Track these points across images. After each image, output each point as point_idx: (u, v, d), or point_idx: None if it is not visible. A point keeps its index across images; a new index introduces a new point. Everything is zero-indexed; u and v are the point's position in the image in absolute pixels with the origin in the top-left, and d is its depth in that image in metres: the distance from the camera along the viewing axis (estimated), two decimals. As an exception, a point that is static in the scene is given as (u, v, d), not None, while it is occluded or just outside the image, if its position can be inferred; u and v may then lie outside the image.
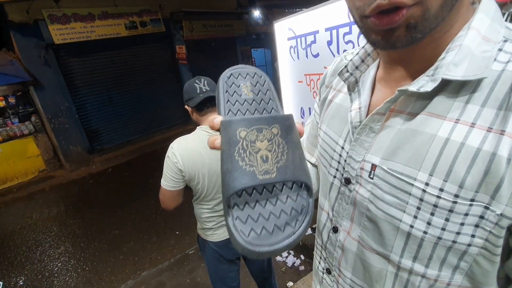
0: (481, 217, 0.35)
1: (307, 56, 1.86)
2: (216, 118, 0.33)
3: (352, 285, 0.54)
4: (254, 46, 9.25)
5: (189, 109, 1.29)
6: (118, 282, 2.55)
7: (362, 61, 0.50)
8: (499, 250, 0.36)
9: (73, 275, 2.75)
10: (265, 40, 9.02)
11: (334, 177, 0.54)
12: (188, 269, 2.56)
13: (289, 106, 2.26)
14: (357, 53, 0.51)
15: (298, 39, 1.88)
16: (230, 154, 0.30)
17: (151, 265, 2.69)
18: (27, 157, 5.29)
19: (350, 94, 0.51)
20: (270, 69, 9.35)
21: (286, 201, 0.31)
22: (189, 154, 1.20)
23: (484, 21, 0.36)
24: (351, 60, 0.51)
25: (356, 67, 0.50)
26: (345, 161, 0.50)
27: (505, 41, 0.36)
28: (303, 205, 0.32)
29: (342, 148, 0.51)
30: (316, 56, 1.77)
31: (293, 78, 2.12)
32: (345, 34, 1.47)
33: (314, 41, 1.74)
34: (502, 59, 0.35)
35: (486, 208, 0.34)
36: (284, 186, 0.32)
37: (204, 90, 1.22)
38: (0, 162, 4.98)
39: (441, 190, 0.36)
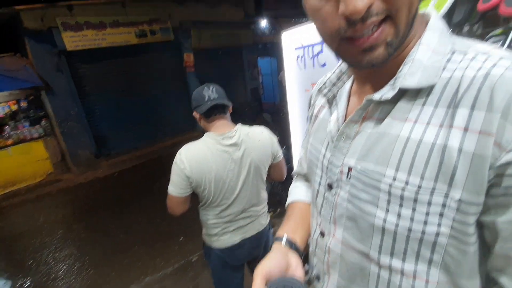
0: (443, 205, 0.38)
1: (314, 65, 1.89)
2: None
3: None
4: (261, 55, 9.36)
5: (197, 115, 1.32)
6: (123, 286, 2.56)
7: (338, 78, 0.57)
8: (469, 239, 0.39)
9: (78, 278, 2.77)
10: (271, 49, 9.12)
11: (320, 184, 0.58)
12: (191, 276, 2.56)
13: (296, 114, 2.28)
14: (334, 72, 0.58)
15: (306, 49, 1.92)
16: None
17: (155, 270, 2.70)
18: (36, 160, 5.39)
19: (329, 108, 0.58)
20: (276, 77, 9.43)
21: None
22: (197, 160, 1.22)
23: (432, 37, 0.42)
24: (328, 78, 0.58)
25: (333, 84, 0.57)
26: (327, 167, 0.54)
27: (453, 52, 0.41)
28: None
29: (324, 156, 0.56)
30: (323, 65, 1.80)
31: (301, 87, 2.15)
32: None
33: (321, 51, 1.77)
34: (451, 67, 0.40)
35: (446, 196, 0.38)
36: None
37: (212, 97, 1.26)
38: (10, 165, 5.07)
39: (406, 183, 0.41)
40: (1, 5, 4.49)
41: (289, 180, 0.84)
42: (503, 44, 0.96)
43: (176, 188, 1.25)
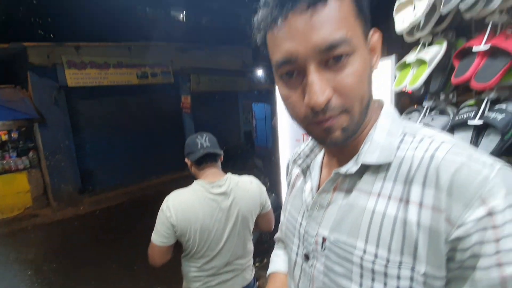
0: (411, 279, 0.40)
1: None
2: None
3: None
4: (255, 100, 9.78)
5: (188, 162, 1.33)
6: None
7: (311, 150, 0.62)
8: None
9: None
10: (266, 96, 9.56)
11: (296, 254, 0.58)
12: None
13: (287, 160, 2.32)
14: (307, 144, 0.62)
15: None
16: None
17: (126, 326, 2.44)
18: (17, 192, 5.17)
19: (304, 177, 0.61)
20: (269, 122, 9.73)
21: None
22: (184, 208, 1.20)
23: (386, 121, 0.49)
24: (302, 150, 0.62)
25: (307, 156, 0.62)
26: (303, 236, 0.56)
27: (404, 134, 0.48)
28: None
29: (301, 224, 0.57)
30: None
31: (292, 135, 2.22)
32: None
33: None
34: (403, 147, 0.46)
35: (412, 270, 0.40)
36: None
37: (205, 146, 1.29)
38: (-11, 196, 4.84)
39: (376, 256, 0.42)
40: (10, 40, 4.70)
41: (277, 228, 0.83)
42: (476, 114, 1.05)
43: (159, 237, 1.20)
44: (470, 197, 0.36)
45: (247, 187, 1.33)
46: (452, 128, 1.13)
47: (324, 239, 0.50)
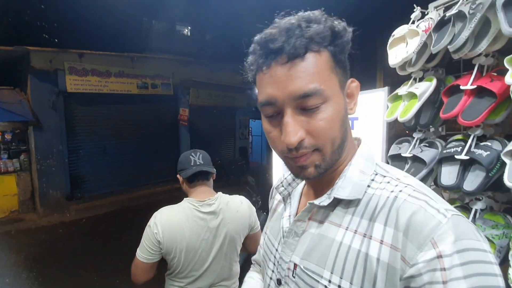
0: None
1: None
2: None
3: None
4: (253, 117, 9.87)
5: (180, 179, 1.33)
6: None
7: (293, 179, 0.65)
8: None
9: None
10: (264, 113, 9.67)
11: (270, 278, 0.61)
12: None
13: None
14: (290, 174, 0.65)
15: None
16: None
17: None
18: (4, 194, 5.05)
19: (284, 204, 0.65)
20: (265, 140, 9.75)
21: None
22: (171, 226, 1.19)
23: (360, 160, 0.53)
24: (285, 178, 0.66)
25: (289, 184, 0.65)
26: (278, 262, 0.59)
27: (376, 174, 0.52)
28: None
29: (276, 250, 0.61)
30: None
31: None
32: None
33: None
34: (374, 186, 0.50)
35: None
36: None
37: (198, 163, 1.29)
38: (-27, 197, 4.71)
39: (339, 286, 0.45)
40: (14, 43, 4.75)
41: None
42: (463, 149, 1.08)
43: (144, 253, 1.18)
44: (423, 239, 0.39)
45: (237, 208, 1.32)
46: (440, 161, 1.16)
47: (295, 266, 0.53)
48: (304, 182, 0.65)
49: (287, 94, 0.45)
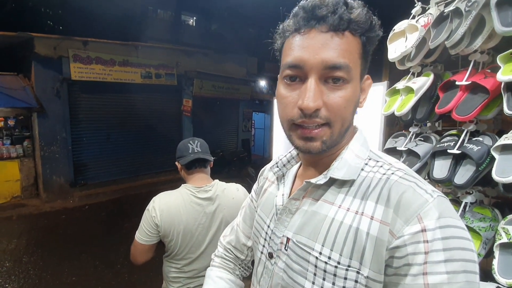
0: (356, 281, 0.47)
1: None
2: None
3: None
4: (256, 110, 9.88)
5: (178, 165, 1.37)
6: None
7: (288, 161, 0.68)
8: None
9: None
10: (266, 106, 9.68)
11: (262, 252, 0.64)
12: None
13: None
14: (285, 156, 0.68)
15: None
16: None
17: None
18: (6, 180, 5.13)
19: (278, 184, 0.68)
20: (268, 132, 9.81)
21: None
22: (169, 210, 1.23)
23: (356, 145, 0.56)
24: (280, 159, 0.68)
25: (284, 165, 0.68)
26: (270, 237, 0.62)
27: (369, 159, 0.56)
28: None
29: (268, 226, 0.64)
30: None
31: (287, 148, 2.27)
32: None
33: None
34: (367, 169, 0.54)
35: (358, 272, 0.46)
36: None
37: (196, 151, 1.33)
38: (-24, 182, 4.80)
39: (329, 257, 0.49)
40: (17, 29, 4.76)
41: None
42: (456, 144, 1.10)
43: (143, 235, 1.23)
44: (410, 215, 0.44)
45: (233, 194, 1.36)
46: (434, 155, 1.19)
47: (288, 240, 0.56)
48: (298, 164, 0.67)
49: (318, 61, 0.47)
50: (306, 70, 0.48)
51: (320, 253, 0.50)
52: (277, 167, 0.68)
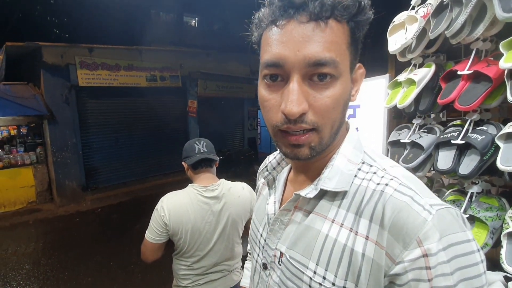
0: None
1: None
2: None
3: None
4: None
5: (185, 165, 1.40)
6: None
7: (278, 163, 0.63)
8: None
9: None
10: (272, 104, 9.64)
11: (257, 261, 0.62)
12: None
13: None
14: (275, 157, 0.64)
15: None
16: None
17: (118, 323, 2.48)
18: (21, 186, 5.29)
19: (269, 189, 0.63)
20: (274, 130, 9.75)
21: None
22: (177, 209, 1.27)
23: (348, 148, 0.51)
24: (270, 162, 0.64)
25: (274, 168, 0.63)
26: (263, 247, 0.59)
27: (363, 163, 0.50)
28: None
29: (261, 235, 0.61)
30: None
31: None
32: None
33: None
34: (360, 176, 0.49)
35: None
36: None
37: (202, 151, 1.35)
38: (-7, 188, 4.96)
39: (324, 278, 0.46)
40: (25, 38, 4.89)
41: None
42: (459, 134, 1.10)
43: (152, 234, 1.27)
44: (409, 238, 0.39)
45: (238, 193, 1.38)
46: (437, 146, 1.18)
47: (281, 254, 0.53)
48: (289, 166, 0.62)
49: (300, 58, 0.41)
50: (287, 69, 0.42)
51: (315, 273, 0.47)
52: (267, 170, 0.64)
